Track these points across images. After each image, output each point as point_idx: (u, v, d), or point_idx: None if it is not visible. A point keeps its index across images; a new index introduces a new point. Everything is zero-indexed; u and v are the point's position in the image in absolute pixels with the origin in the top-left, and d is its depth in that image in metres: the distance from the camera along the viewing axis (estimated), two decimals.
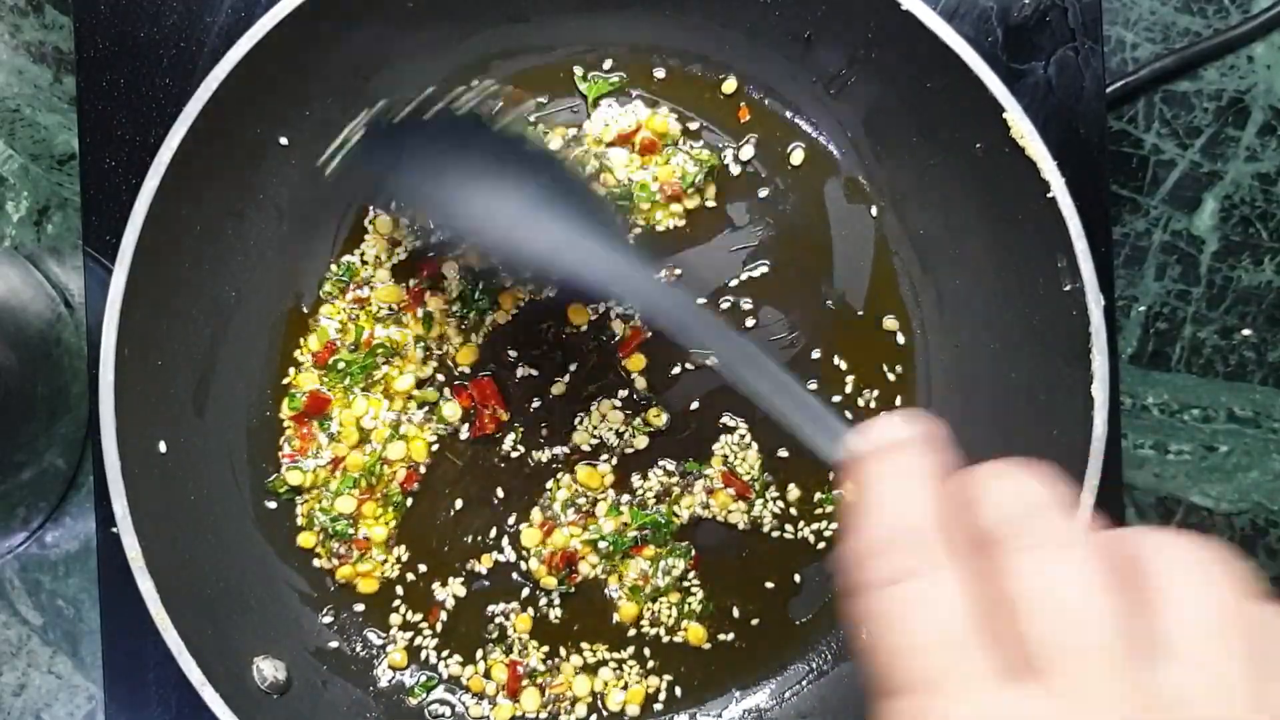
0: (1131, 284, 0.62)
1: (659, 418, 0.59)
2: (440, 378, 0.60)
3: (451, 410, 0.59)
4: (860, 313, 0.60)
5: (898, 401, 0.60)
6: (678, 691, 0.60)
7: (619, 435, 0.59)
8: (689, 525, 0.60)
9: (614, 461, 0.60)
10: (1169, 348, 0.62)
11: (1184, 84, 0.62)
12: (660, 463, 0.60)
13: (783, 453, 0.60)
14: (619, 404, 0.60)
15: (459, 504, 0.60)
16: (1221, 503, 0.62)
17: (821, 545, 0.60)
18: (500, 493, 0.60)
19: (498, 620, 0.60)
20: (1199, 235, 0.62)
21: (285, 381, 0.59)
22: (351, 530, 0.59)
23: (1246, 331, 0.62)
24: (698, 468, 0.59)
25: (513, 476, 0.60)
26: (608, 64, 0.60)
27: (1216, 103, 0.62)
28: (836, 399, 0.60)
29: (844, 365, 0.60)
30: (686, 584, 0.60)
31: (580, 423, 0.60)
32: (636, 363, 0.60)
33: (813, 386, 0.60)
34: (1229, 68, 0.62)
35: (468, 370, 0.60)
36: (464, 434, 0.60)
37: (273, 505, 0.59)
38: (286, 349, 0.59)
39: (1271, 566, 0.62)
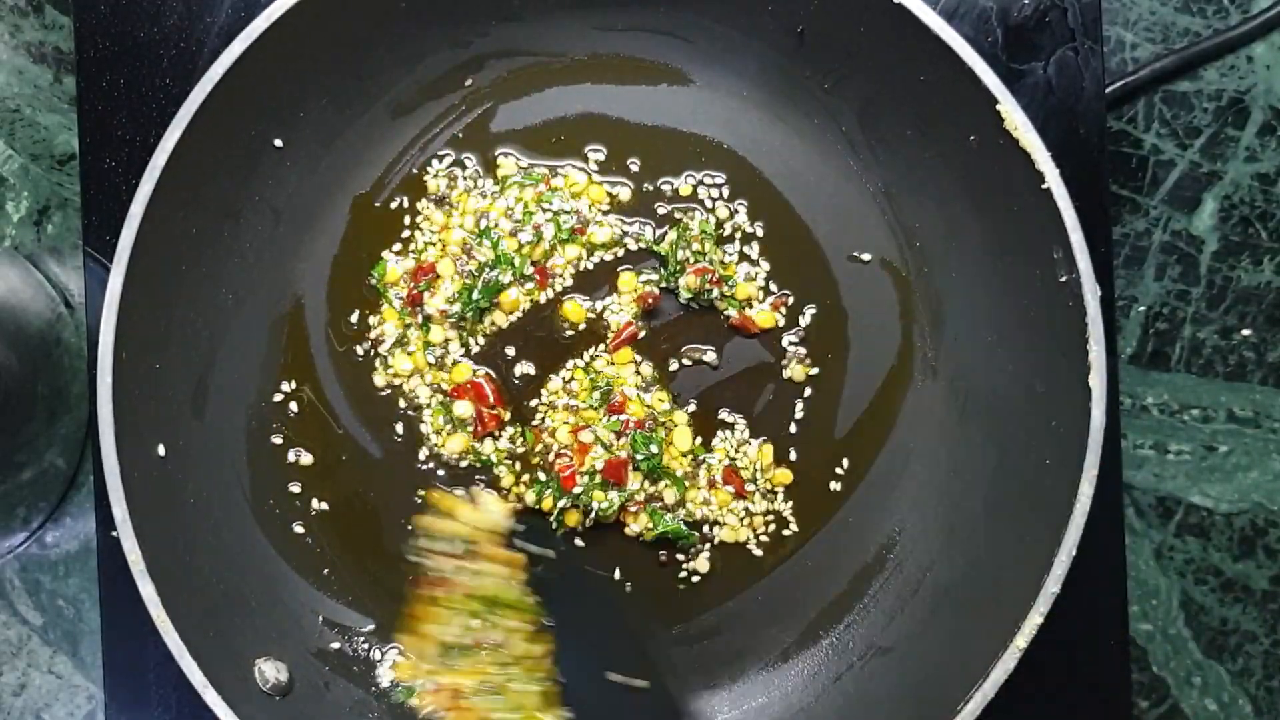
0: (1131, 284, 0.62)
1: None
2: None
3: (464, 408, 0.59)
4: None
5: None
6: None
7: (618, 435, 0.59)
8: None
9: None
10: (1169, 348, 0.62)
11: (1184, 84, 0.62)
12: None
13: (792, 455, 0.60)
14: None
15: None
16: (1221, 503, 0.62)
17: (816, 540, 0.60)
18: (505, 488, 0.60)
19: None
20: (1199, 235, 0.62)
21: None
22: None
23: (1246, 331, 0.62)
24: (701, 451, 0.60)
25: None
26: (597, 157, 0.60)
27: (1216, 103, 0.62)
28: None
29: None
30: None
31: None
32: (624, 356, 0.60)
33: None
34: (1229, 68, 0.62)
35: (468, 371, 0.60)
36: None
37: (273, 505, 0.59)
38: (285, 351, 0.59)
39: (1271, 566, 0.62)
